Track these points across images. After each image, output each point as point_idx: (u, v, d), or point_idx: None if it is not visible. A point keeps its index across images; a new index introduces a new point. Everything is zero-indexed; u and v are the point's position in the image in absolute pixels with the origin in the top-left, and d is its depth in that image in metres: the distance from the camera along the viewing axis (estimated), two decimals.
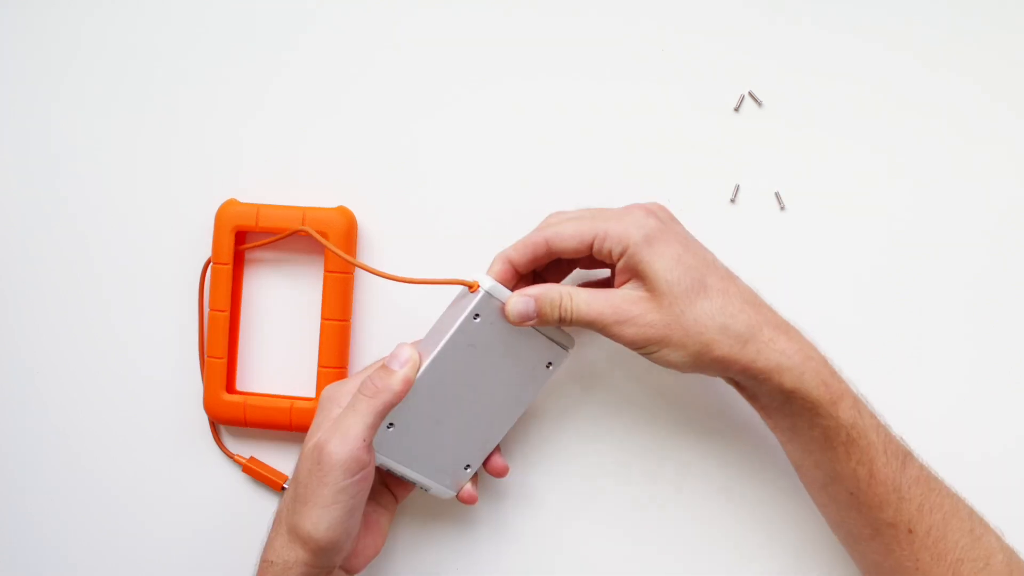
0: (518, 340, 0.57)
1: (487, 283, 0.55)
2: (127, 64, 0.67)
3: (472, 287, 0.55)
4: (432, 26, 0.64)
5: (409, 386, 0.55)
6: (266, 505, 0.66)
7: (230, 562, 0.66)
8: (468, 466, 0.60)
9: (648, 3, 0.63)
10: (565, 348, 0.59)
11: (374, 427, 0.54)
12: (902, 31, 0.62)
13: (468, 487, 0.61)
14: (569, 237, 0.55)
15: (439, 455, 0.59)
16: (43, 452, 0.68)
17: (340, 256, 0.57)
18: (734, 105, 0.63)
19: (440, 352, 0.56)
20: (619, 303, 0.54)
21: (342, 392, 0.57)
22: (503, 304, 0.56)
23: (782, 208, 0.63)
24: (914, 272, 0.62)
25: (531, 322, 0.56)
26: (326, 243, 0.58)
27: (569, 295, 0.55)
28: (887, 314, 0.62)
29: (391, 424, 0.57)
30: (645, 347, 0.54)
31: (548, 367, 0.59)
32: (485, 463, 0.61)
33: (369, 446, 0.54)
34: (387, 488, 0.62)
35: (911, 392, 0.62)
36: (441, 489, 0.60)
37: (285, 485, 0.65)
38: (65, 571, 0.68)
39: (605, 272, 0.61)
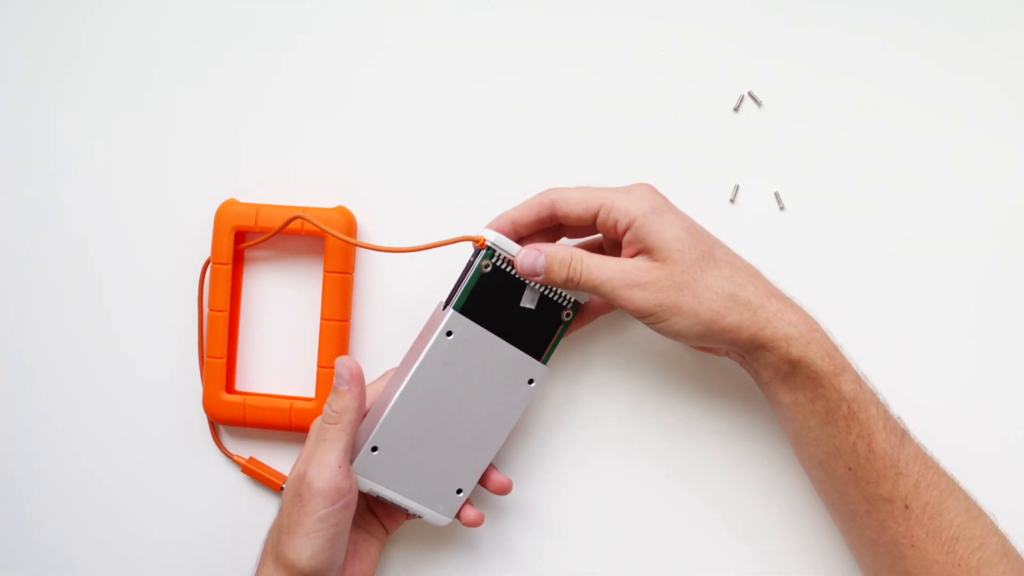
0: (493, 356, 0.57)
1: (491, 236, 0.56)
2: (127, 64, 0.67)
3: (479, 242, 0.56)
4: (432, 26, 0.64)
5: (363, 400, 0.56)
6: (265, 505, 0.66)
7: (229, 562, 0.66)
8: (460, 490, 0.59)
9: (648, 3, 0.63)
10: (576, 307, 0.58)
11: (347, 451, 0.55)
12: (902, 31, 0.62)
13: (470, 509, 0.60)
14: (576, 203, 0.56)
15: (428, 479, 0.58)
16: (43, 452, 0.68)
17: (338, 237, 0.57)
18: (734, 105, 0.63)
19: (416, 372, 0.56)
20: (630, 269, 0.54)
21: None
22: (518, 264, 0.55)
23: (781, 208, 0.63)
24: (914, 272, 0.62)
25: (538, 278, 0.56)
26: (324, 227, 0.58)
27: (580, 257, 0.55)
28: (887, 314, 0.62)
29: (375, 448, 0.57)
30: (655, 314, 0.54)
31: (530, 384, 0.59)
32: (485, 482, 0.60)
33: (347, 472, 0.55)
34: (376, 518, 0.61)
35: (910, 391, 0.62)
36: (434, 515, 0.59)
37: (284, 485, 0.65)
38: (65, 571, 0.68)
39: None
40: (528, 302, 0.58)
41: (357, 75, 0.65)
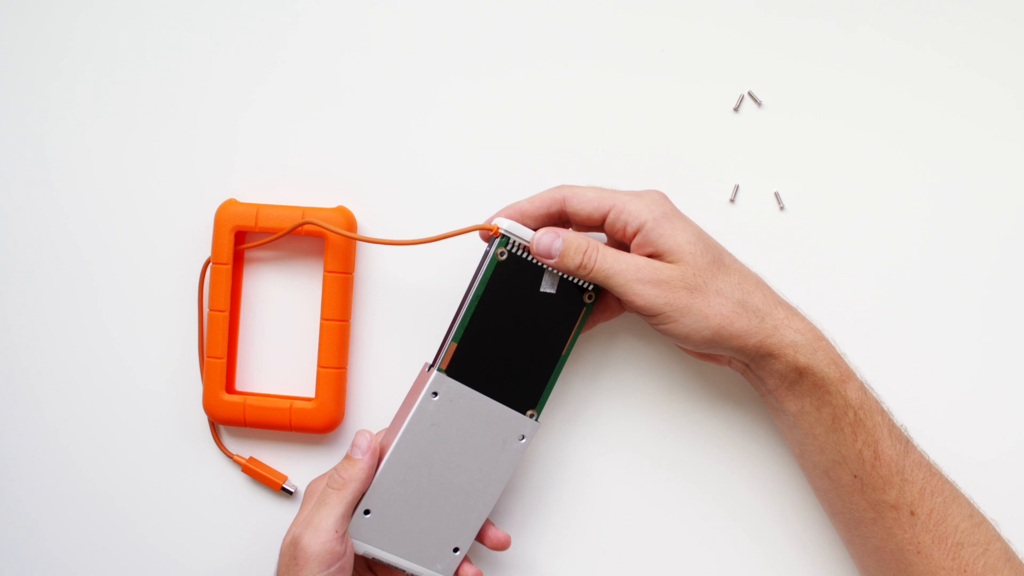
0: (481, 415, 0.57)
1: (505, 223, 0.56)
2: (127, 64, 0.66)
3: (492, 231, 0.56)
4: (431, 25, 0.64)
5: (372, 473, 0.56)
6: (265, 505, 0.66)
7: (229, 562, 0.66)
8: (457, 549, 0.59)
9: (648, 3, 0.63)
10: (599, 289, 0.57)
11: (346, 517, 0.55)
12: (903, 31, 0.62)
13: (468, 567, 0.60)
14: (587, 201, 0.56)
15: (424, 539, 0.58)
16: (42, 452, 0.68)
17: (342, 234, 0.58)
18: (733, 105, 0.63)
19: (403, 434, 0.56)
20: (644, 265, 0.55)
21: (322, 485, 0.58)
22: (535, 243, 0.56)
23: (781, 208, 0.63)
24: (913, 272, 0.62)
25: (551, 261, 0.56)
26: (328, 226, 0.58)
27: (596, 246, 0.55)
28: (886, 314, 0.62)
29: (368, 511, 0.57)
30: (664, 313, 0.54)
31: (521, 440, 0.58)
32: (483, 539, 0.60)
33: (342, 537, 0.55)
34: None
35: (910, 392, 0.62)
36: (432, 575, 0.59)
37: (285, 486, 0.65)
38: (64, 571, 0.68)
39: None
40: (548, 287, 0.57)
41: (357, 75, 0.65)
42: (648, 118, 0.63)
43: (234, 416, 0.64)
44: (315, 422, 0.63)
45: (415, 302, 0.64)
